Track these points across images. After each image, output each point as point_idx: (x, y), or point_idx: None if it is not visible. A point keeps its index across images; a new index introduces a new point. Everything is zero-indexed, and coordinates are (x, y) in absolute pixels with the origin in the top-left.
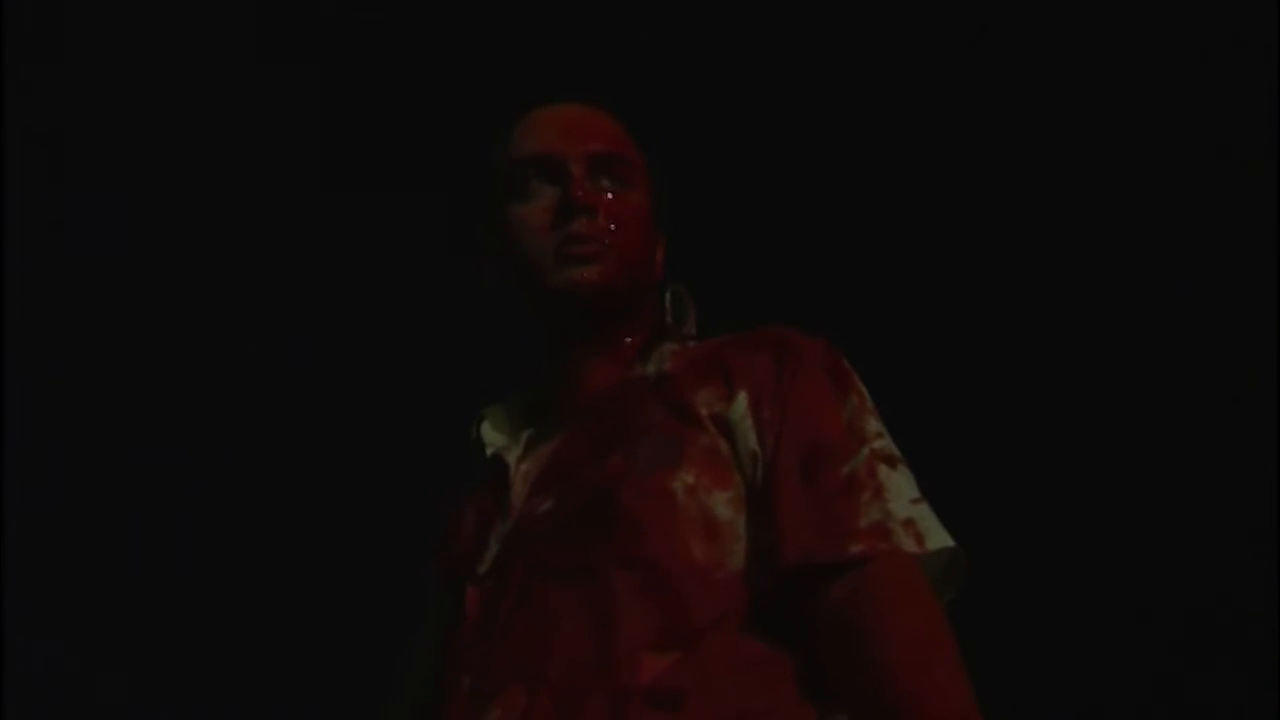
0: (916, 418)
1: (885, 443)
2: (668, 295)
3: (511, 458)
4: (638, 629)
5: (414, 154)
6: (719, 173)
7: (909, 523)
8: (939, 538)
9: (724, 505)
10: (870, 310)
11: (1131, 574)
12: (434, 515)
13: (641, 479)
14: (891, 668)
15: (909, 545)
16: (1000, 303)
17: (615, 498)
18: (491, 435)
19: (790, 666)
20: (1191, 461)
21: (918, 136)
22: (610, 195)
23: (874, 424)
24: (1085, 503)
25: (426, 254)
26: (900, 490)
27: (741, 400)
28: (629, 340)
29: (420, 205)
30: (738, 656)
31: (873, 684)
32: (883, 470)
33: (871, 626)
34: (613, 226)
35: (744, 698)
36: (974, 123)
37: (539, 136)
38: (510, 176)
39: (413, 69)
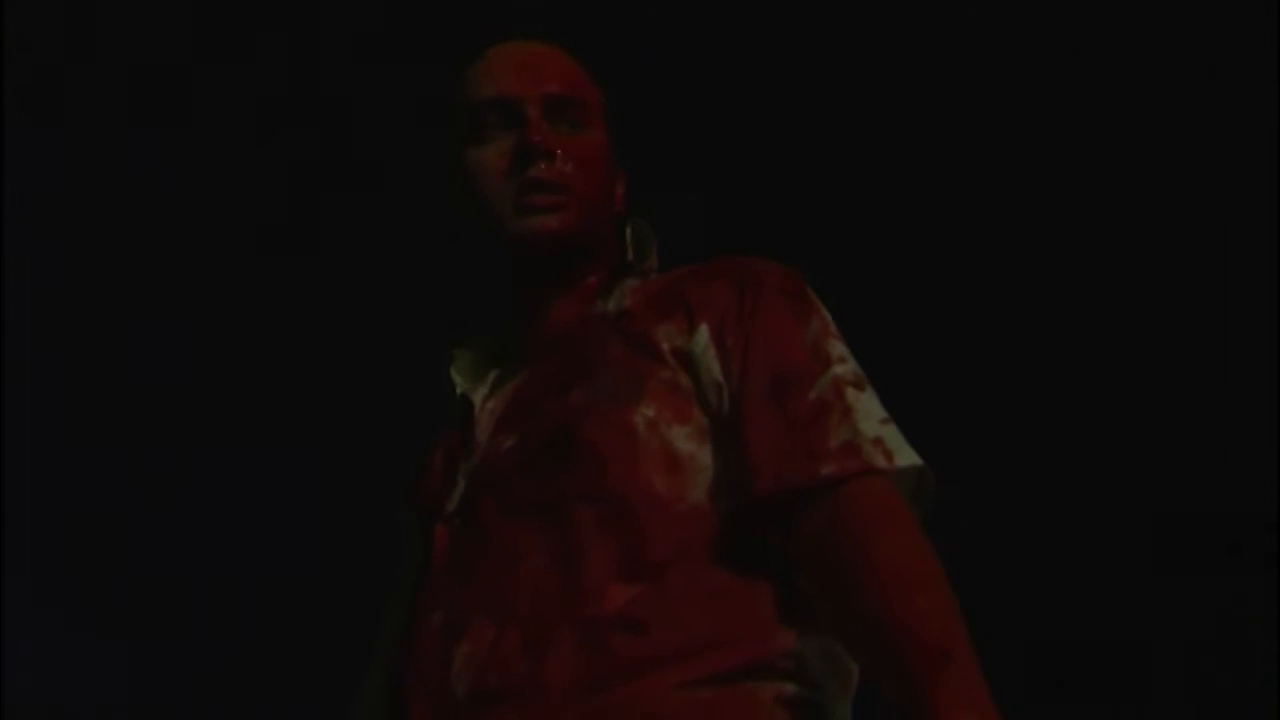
0: (887, 341)
1: (850, 366)
2: (628, 231)
3: (478, 396)
4: (602, 561)
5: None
6: (680, 100)
7: (878, 441)
8: (906, 455)
9: (684, 439)
10: (841, 236)
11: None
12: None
13: (603, 413)
14: (874, 593)
15: (879, 462)
16: (974, 221)
17: (576, 432)
18: (460, 374)
19: (756, 594)
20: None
21: (895, 61)
22: (568, 137)
23: (838, 347)
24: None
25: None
26: (868, 411)
27: (703, 332)
28: (591, 278)
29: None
30: (702, 586)
31: (856, 610)
32: (850, 392)
33: (852, 552)
34: (571, 169)
35: (709, 625)
36: (949, 53)
37: (495, 78)
38: (467, 119)
39: None
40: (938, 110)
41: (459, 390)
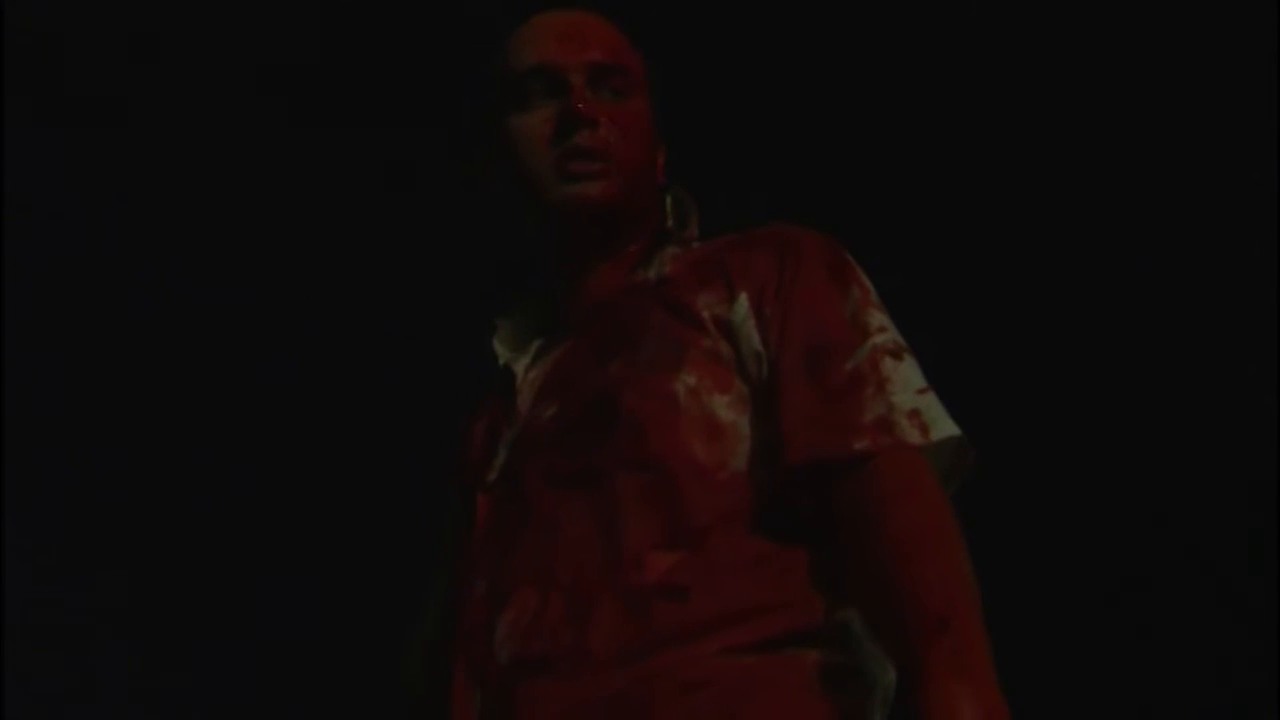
0: (929, 309)
1: (890, 335)
2: (669, 199)
3: (520, 366)
4: (643, 529)
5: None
6: (722, 74)
7: (914, 414)
8: (943, 427)
9: (725, 408)
10: (884, 208)
11: (1144, 471)
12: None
13: (643, 381)
14: (885, 561)
15: (913, 437)
16: (1021, 204)
17: (618, 400)
18: (502, 345)
19: (798, 562)
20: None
21: (923, 37)
22: (611, 105)
23: (878, 317)
24: (1099, 398)
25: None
26: (906, 381)
27: (743, 301)
28: (632, 247)
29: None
30: (744, 553)
31: (870, 577)
32: (887, 363)
33: (870, 521)
34: (614, 137)
35: (751, 592)
36: (972, 31)
37: (538, 46)
38: (510, 87)
39: None
40: (959, 102)
41: (501, 360)
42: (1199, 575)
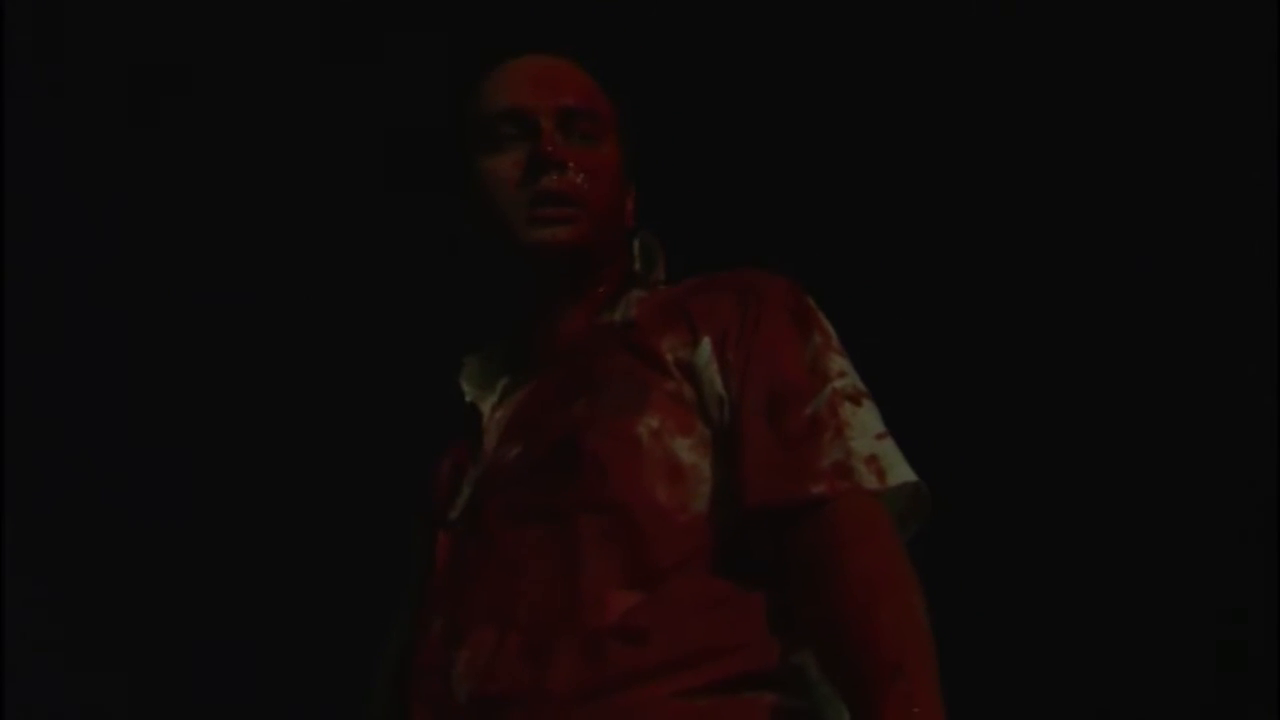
0: (893, 357)
1: (849, 380)
2: (636, 243)
3: (486, 405)
4: (603, 570)
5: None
6: (691, 119)
7: (871, 459)
8: (900, 473)
9: (687, 450)
10: (849, 253)
11: (1098, 511)
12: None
13: (606, 423)
14: (839, 606)
15: (870, 482)
16: (988, 243)
17: (580, 442)
18: (469, 383)
19: (756, 605)
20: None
21: (893, 74)
22: (580, 149)
23: (838, 362)
24: (1060, 435)
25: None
26: (864, 426)
27: (705, 345)
28: (600, 289)
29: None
30: (703, 595)
31: (825, 621)
32: (846, 408)
33: (826, 566)
34: (582, 180)
35: (709, 635)
36: (948, 59)
37: (511, 90)
38: (482, 129)
39: None
40: (937, 118)
41: (468, 399)
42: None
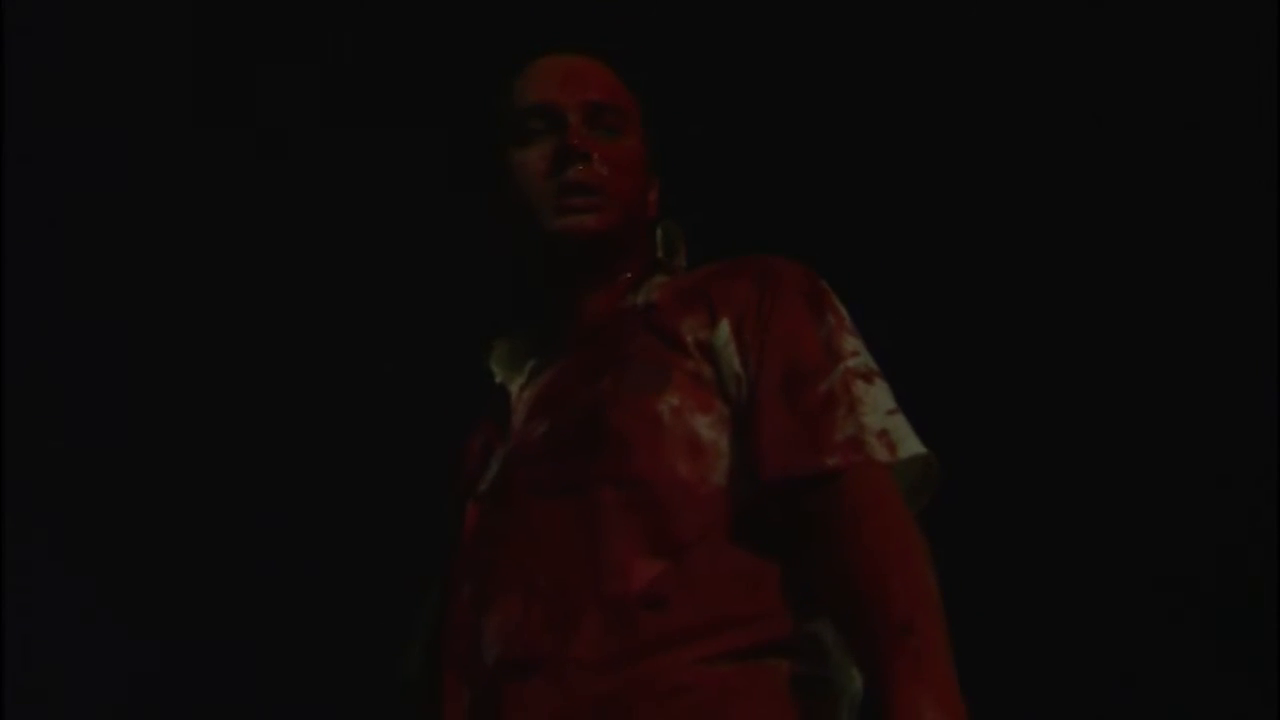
0: (903, 341)
1: (861, 359)
2: (660, 231)
3: (514, 386)
4: (626, 541)
5: (415, 92)
6: (714, 110)
7: (883, 434)
8: (910, 445)
9: (706, 427)
10: (861, 241)
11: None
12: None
13: (629, 401)
14: (852, 571)
15: (882, 455)
16: (996, 233)
17: (605, 419)
18: (498, 365)
19: (773, 575)
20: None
21: (903, 69)
22: (605, 142)
23: (851, 342)
24: (1067, 411)
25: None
26: (876, 403)
27: (724, 327)
28: (624, 275)
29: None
30: (722, 567)
31: (838, 587)
32: (859, 385)
33: (839, 534)
34: (607, 171)
35: (727, 604)
36: (960, 49)
37: (539, 86)
38: (512, 123)
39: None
40: (950, 115)
41: (497, 379)
42: (1189, 585)
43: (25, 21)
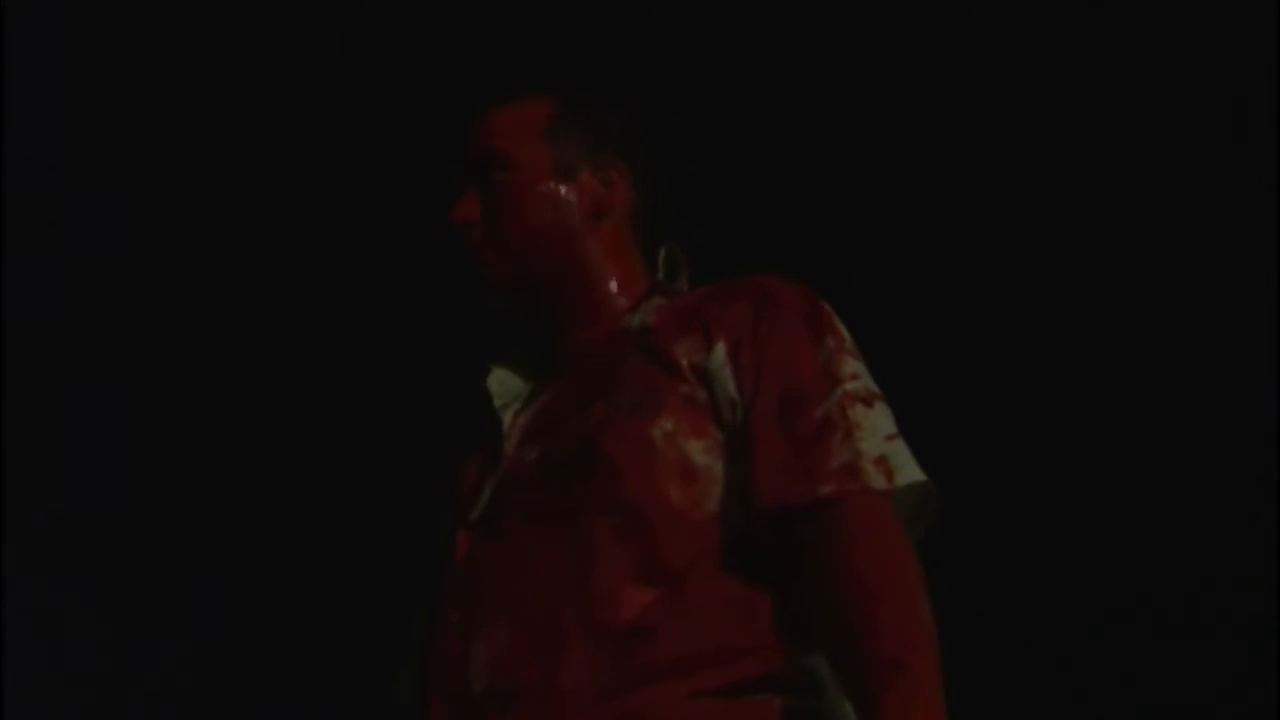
0: (905, 360)
1: (861, 383)
2: (662, 253)
3: (510, 410)
4: (617, 569)
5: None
6: (712, 122)
7: (880, 460)
8: (908, 473)
9: (700, 452)
10: (863, 259)
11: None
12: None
13: (622, 427)
14: (843, 603)
15: (878, 483)
16: (996, 245)
17: (597, 445)
18: (496, 387)
19: (767, 605)
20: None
21: (901, 78)
22: (489, 195)
23: (851, 364)
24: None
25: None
26: (875, 428)
27: (720, 350)
28: (613, 295)
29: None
30: (714, 595)
31: (830, 620)
32: (857, 410)
33: (832, 564)
34: (481, 232)
35: (721, 636)
36: (954, 64)
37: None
38: None
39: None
40: (947, 123)
41: (496, 403)
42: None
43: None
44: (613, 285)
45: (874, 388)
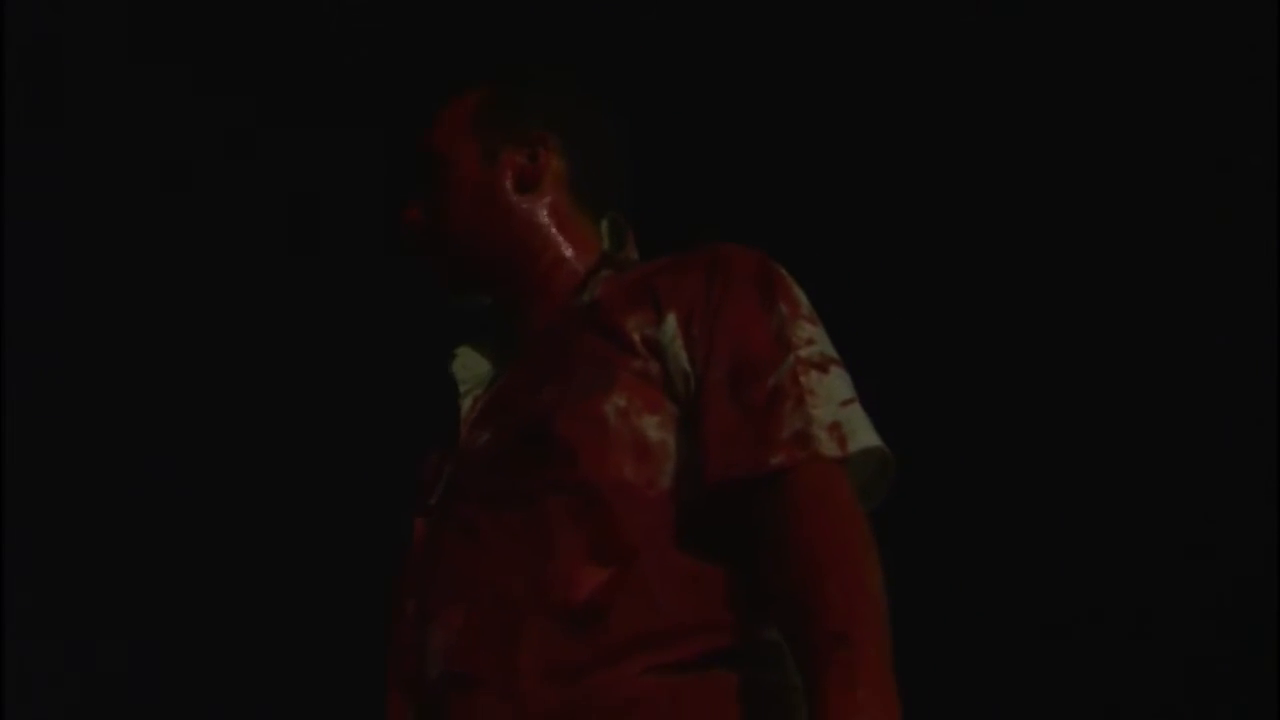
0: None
1: (817, 348)
2: (605, 224)
3: (470, 396)
4: (572, 549)
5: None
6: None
7: (834, 426)
8: (861, 439)
9: (654, 428)
10: (842, 238)
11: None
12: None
13: (574, 404)
14: (790, 577)
15: (830, 450)
16: (984, 230)
17: (549, 424)
18: (461, 373)
19: (727, 580)
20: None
21: (887, 65)
22: (421, 201)
23: (806, 330)
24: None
25: None
26: (830, 393)
27: (671, 321)
28: (560, 274)
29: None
30: (672, 571)
31: (779, 594)
32: (811, 376)
33: (779, 537)
34: (419, 236)
35: (680, 611)
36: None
37: None
38: None
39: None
40: (934, 114)
41: (460, 389)
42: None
43: None
44: (559, 258)
45: (831, 352)
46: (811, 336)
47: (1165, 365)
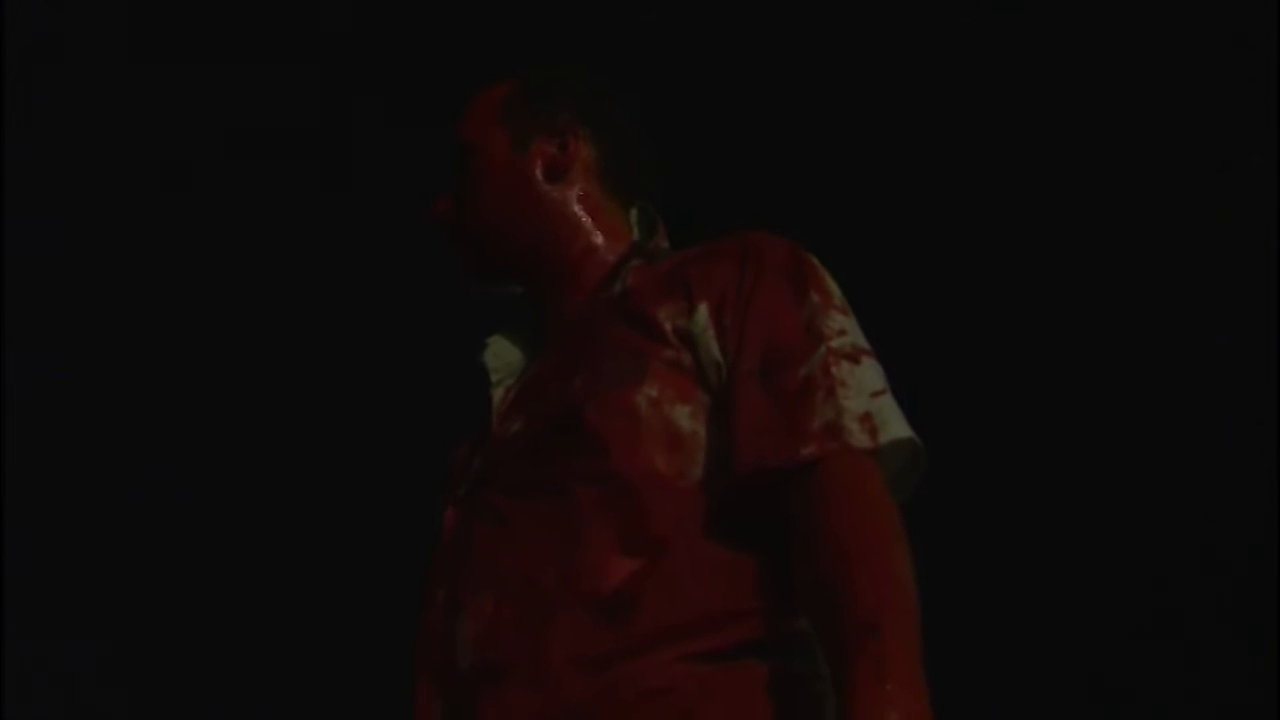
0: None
1: (848, 339)
2: (634, 213)
3: (502, 386)
4: (602, 539)
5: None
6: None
7: (865, 417)
8: (893, 429)
9: (686, 418)
10: (867, 228)
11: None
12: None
13: (605, 395)
14: (821, 567)
15: (862, 441)
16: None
17: (580, 415)
18: (493, 362)
19: (757, 570)
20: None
21: (899, 58)
22: (458, 187)
23: (837, 320)
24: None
25: None
26: (861, 384)
27: (702, 311)
28: (592, 264)
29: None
30: (703, 561)
31: (810, 584)
32: (842, 367)
33: (810, 528)
34: (449, 227)
35: (709, 601)
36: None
37: None
38: None
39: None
40: (941, 110)
41: (491, 379)
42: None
43: None
44: (589, 247)
45: (862, 343)
46: (843, 327)
47: (1165, 365)
